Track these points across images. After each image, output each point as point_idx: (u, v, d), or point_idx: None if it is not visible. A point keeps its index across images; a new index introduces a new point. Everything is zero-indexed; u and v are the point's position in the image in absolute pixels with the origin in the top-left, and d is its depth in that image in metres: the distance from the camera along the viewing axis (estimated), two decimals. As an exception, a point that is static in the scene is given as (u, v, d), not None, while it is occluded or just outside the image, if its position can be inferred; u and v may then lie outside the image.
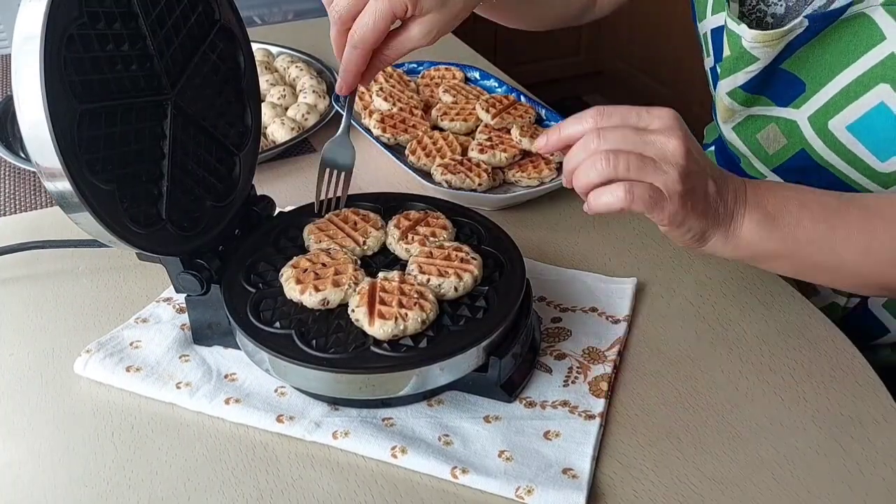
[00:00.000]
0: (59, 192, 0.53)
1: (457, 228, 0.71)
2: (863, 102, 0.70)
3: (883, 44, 0.67)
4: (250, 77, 0.71)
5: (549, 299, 0.73)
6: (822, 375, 0.65)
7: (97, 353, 0.65)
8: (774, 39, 0.72)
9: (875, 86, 0.69)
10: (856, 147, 0.72)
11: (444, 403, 0.62)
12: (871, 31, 0.68)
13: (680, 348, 0.68)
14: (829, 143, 0.74)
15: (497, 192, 0.86)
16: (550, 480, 0.55)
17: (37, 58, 0.49)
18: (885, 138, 0.71)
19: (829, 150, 0.74)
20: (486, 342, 0.59)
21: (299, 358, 0.57)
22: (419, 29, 0.65)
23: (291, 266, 0.63)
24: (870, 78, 0.69)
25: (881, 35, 0.67)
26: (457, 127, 0.94)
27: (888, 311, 0.81)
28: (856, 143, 0.72)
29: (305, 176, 0.93)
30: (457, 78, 1.06)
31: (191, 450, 0.59)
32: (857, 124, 0.72)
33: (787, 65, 0.75)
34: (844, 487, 0.56)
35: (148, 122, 0.60)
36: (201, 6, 0.65)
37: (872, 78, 0.69)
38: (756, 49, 0.73)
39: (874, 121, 0.70)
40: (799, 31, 0.70)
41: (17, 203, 0.89)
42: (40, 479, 0.57)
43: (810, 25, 0.70)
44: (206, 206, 0.66)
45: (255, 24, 1.76)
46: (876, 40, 0.68)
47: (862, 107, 0.71)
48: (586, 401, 0.62)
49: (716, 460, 0.58)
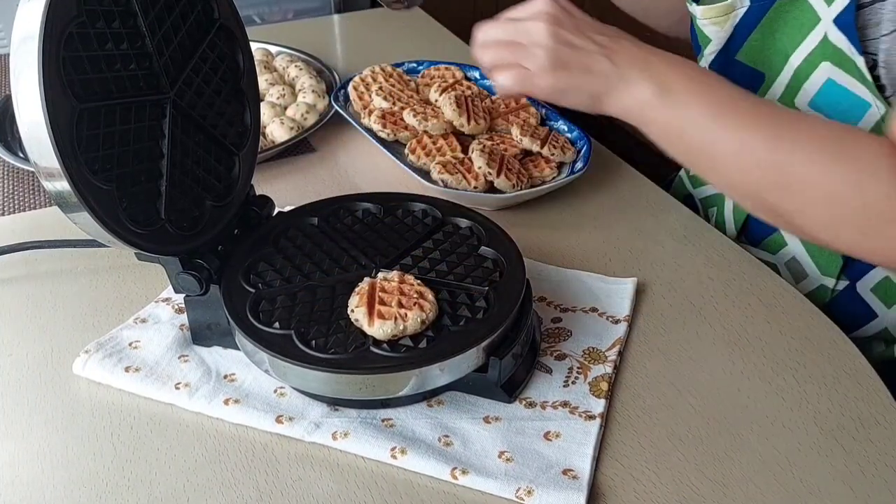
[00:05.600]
0: (57, 191, 0.53)
1: (457, 228, 0.71)
2: (814, 81, 0.74)
3: (819, 25, 0.72)
4: (249, 76, 0.71)
5: (549, 299, 0.73)
6: (824, 376, 0.64)
7: (96, 353, 0.65)
8: (719, 16, 0.78)
9: (820, 64, 0.73)
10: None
11: (443, 404, 0.62)
12: (808, 12, 0.73)
13: (680, 349, 0.68)
14: None
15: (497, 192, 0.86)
16: (551, 481, 0.55)
17: (35, 57, 0.49)
18: (842, 111, 0.73)
19: None
20: (486, 342, 0.59)
21: (299, 358, 0.57)
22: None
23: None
24: (815, 56, 0.73)
25: (816, 16, 0.72)
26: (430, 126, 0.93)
27: (876, 295, 0.81)
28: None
29: (305, 176, 0.93)
30: (457, 77, 1.05)
31: (190, 450, 0.59)
32: (816, 101, 0.75)
33: (742, 55, 0.80)
34: (846, 488, 0.56)
35: (147, 122, 0.60)
36: (200, 5, 0.65)
37: (816, 56, 0.73)
38: (706, 27, 0.79)
39: (828, 97, 0.74)
40: (741, 9, 0.76)
41: (15, 203, 0.89)
42: (39, 479, 0.56)
43: (751, 5, 0.76)
44: (205, 205, 0.66)
45: (254, 24, 1.75)
46: (813, 21, 0.72)
47: (814, 85, 0.74)
48: (586, 401, 0.62)
49: (717, 461, 0.58)
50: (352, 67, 1.07)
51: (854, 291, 0.81)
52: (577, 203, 0.87)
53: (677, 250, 0.79)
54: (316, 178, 0.93)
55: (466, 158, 0.87)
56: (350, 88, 1.03)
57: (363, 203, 0.73)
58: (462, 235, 0.70)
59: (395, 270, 0.64)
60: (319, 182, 0.92)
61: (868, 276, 0.80)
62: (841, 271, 0.81)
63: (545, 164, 0.89)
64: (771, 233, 0.85)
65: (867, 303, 0.82)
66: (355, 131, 0.97)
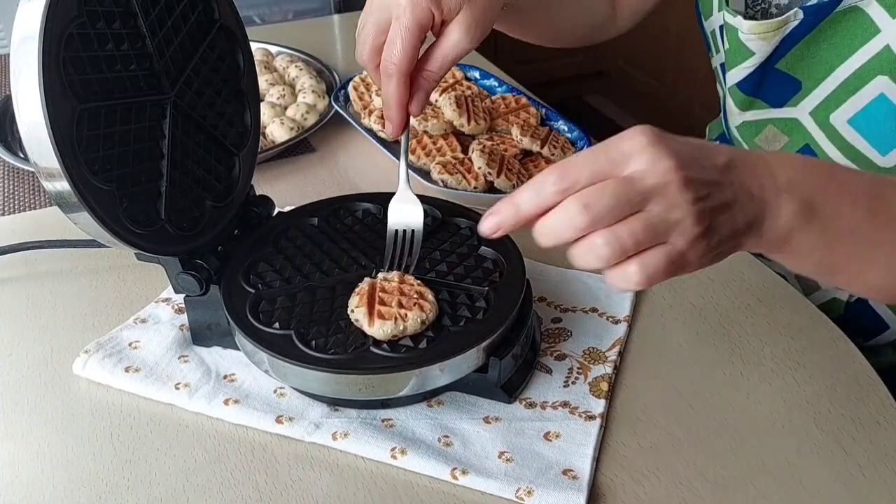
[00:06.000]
0: (57, 192, 0.53)
1: (457, 228, 0.70)
2: (862, 95, 0.71)
3: (878, 36, 0.68)
4: (250, 77, 0.71)
5: (550, 300, 0.73)
6: (824, 377, 0.64)
7: (96, 353, 0.65)
8: (769, 31, 0.73)
9: (873, 78, 0.70)
10: (857, 142, 0.73)
11: (443, 404, 0.62)
12: (865, 24, 0.69)
13: (681, 349, 0.68)
14: (832, 137, 0.74)
15: (497, 192, 0.86)
16: (551, 482, 0.55)
17: (35, 57, 0.49)
18: (885, 130, 0.71)
19: (831, 145, 0.75)
20: (486, 343, 0.59)
21: (299, 358, 0.57)
22: (457, 30, 0.60)
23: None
24: (867, 71, 0.70)
25: (875, 28, 0.68)
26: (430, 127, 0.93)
27: (889, 307, 0.81)
28: (857, 138, 0.73)
29: (305, 176, 0.93)
30: (457, 77, 1.05)
31: (190, 451, 0.59)
32: (857, 118, 0.72)
33: (781, 65, 0.76)
34: (846, 489, 0.55)
35: (147, 122, 0.60)
36: (201, 6, 0.65)
37: (870, 71, 0.70)
38: (751, 41, 0.74)
39: (874, 113, 0.71)
40: (793, 22, 0.71)
41: (15, 203, 0.89)
42: (39, 479, 0.56)
43: (805, 18, 0.71)
44: (205, 206, 0.66)
45: (254, 24, 1.76)
46: (871, 33, 0.69)
47: (862, 99, 0.71)
48: (586, 401, 0.62)
49: (717, 462, 0.57)
50: (352, 67, 1.07)
51: (866, 303, 0.81)
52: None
53: (677, 251, 0.79)
54: (316, 178, 0.93)
55: (466, 158, 0.87)
56: (350, 88, 1.03)
57: (363, 203, 0.73)
58: (462, 235, 0.70)
59: (395, 271, 0.64)
60: (319, 182, 0.92)
61: None
62: None
63: (545, 164, 0.89)
64: None
65: (879, 315, 0.81)
66: (355, 131, 0.97)
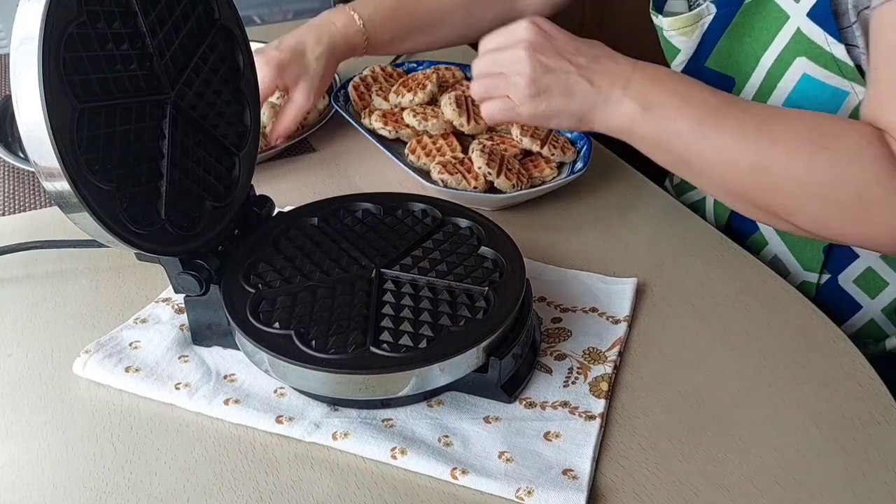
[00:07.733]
0: (57, 192, 0.53)
1: (457, 228, 0.71)
2: (788, 79, 0.75)
3: (788, 22, 0.73)
4: (249, 77, 0.71)
5: (550, 299, 0.73)
6: (824, 377, 0.64)
7: (96, 353, 0.65)
8: (686, 26, 0.79)
9: (793, 61, 0.74)
10: None
11: (443, 404, 0.62)
12: (775, 12, 0.74)
13: (680, 349, 0.68)
14: None
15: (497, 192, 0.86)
16: (550, 481, 0.55)
17: (35, 57, 0.49)
18: (819, 105, 0.74)
19: None
20: (486, 342, 0.59)
21: (299, 358, 0.57)
22: (297, 95, 0.92)
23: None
24: (787, 55, 0.74)
25: (784, 14, 0.73)
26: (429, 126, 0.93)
27: (859, 286, 0.82)
28: None
29: (305, 176, 0.93)
30: (457, 77, 1.05)
31: (190, 451, 0.59)
32: (790, 101, 0.76)
33: (711, 62, 0.81)
34: (846, 489, 0.55)
35: (147, 122, 0.60)
36: (201, 6, 0.65)
37: (789, 54, 0.74)
38: (674, 38, 0.80)
39: (804, 93, 0.74)
40: (708, 17, 0.77)
41: (15, 203, 0.89)
42: (39, 479, 0.57)
43: (718, 11, 0.77)
44: (205, 206, 0.66)
45: (254, 24, 1.75)
46: (782, 20, 0.73)
47: (788, 83, 0.75)
48: (586, 401, 0.62)
49: (717, 462, 0.58)
50: (351, 67, 1.07)
51: (837, 284, 0.82)
52: (577, 203, 0.87)
53: (677, 250, 0.79)
54: (316, 178, 0.93)
55: (466, 158, 0.87)
56: (350, 88, 1.03)
57: (363, 203, 0.73)
58: (462, 235, 0.70)
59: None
60: (319, 182, 0.92)
61: (849, 269, 0.81)
62: (822, 266, 0.81)
63: (545, 164, 0.89)
64: (752, 233, 0.86)
65: (851, 295, 0.83)
66: (355, 131, 0.97)
